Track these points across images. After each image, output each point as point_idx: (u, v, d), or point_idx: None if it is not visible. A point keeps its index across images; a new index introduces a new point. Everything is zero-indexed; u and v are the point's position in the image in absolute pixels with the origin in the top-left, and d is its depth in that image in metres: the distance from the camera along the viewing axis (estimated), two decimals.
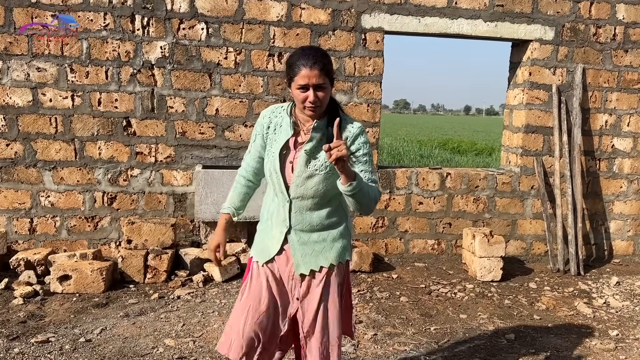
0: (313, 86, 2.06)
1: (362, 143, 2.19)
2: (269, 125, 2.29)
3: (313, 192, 2.18)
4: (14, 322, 3.75)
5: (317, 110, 2.11)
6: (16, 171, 4.99)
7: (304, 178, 2.17)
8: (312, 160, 2.17)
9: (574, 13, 5.58)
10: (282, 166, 2.22)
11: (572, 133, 5.66)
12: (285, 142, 2.21)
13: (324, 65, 2.07)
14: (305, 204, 2.21)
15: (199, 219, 4.99)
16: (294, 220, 2.24)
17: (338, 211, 2.31)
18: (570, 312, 4.41)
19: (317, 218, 2.24)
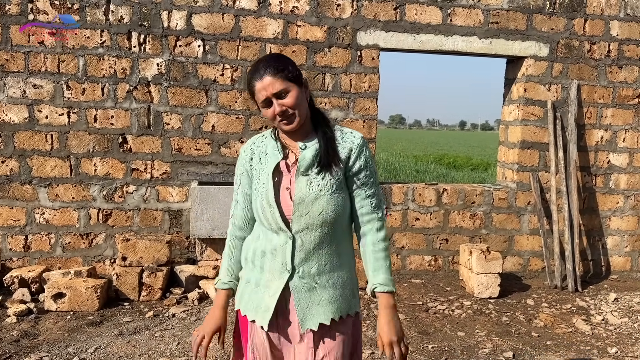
0: (273, 95, 1.75)
1: (367, 158, 1.88)
2: (251, 157, 1.92)
3: (321, 219, 1.79)
4: (6, 341, 3.70)
5: (292, 121, 1.78)
6: (11, 188, 4.96)
7: (309, 202, 1.79)
8: (313, 180, 1.82)
9: (568, 30, 5.63)
10: (277, 196, 1.84)
11: (567, 149, 5.68)
12: (275, 165, 1.85)
13: (277, 69, 1.75)
14: (312, 238, 1.81)
15: (195, 235, 4.97)
16: (298, 260, 1.81)
17: (346, 245, 1.93)
18: (569, 329, 4.38)
19: (326, 255, 1.84)
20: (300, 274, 1.82)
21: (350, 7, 5.26)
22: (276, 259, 1.83)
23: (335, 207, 1.81)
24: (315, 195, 1.79)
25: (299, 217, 1.79)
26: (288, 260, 1.81)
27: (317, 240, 1.81)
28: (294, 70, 1.80)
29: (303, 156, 1.82)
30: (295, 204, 1.79)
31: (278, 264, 1.83)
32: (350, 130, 1.91)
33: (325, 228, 1.81)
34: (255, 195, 1.89)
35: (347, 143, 1.86)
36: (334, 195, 1.82)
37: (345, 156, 1.84)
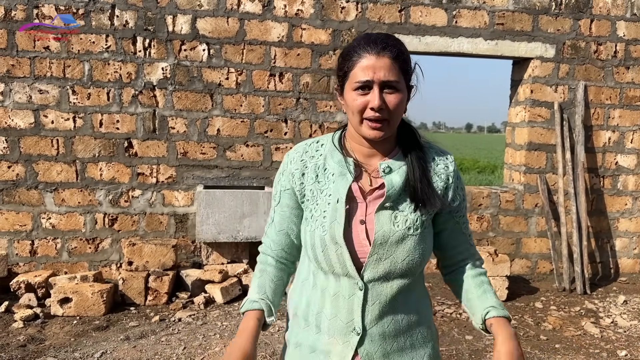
0: (380, 83, 1.30)
1: (463, 189, 1.50)
2: (303, 172, 1.45)
3: (406, 266, 1.37)
4: (13, 346, 3.70)
5: (383, 128, 1.33)
6: (17, 193, 4.97)
7: (392, 244, 1.36)
8: (399, 215, 1.38)
9: (575, 30, 5.60)
10: (347, 232, 1.38)
11: (575, 150, 5.64)
12: (346, 191, 1.39)
13: (401, 55, 1.33)
14: (390, 289, 1.38)
15: (201, 239, 4.96)
16: (371, 318, 1.38)
17: (423, 291, 1.52)
18: (578, 332, 4.34)
19: (404, 309, 1.42)
20: (372, 337, 1.38)
21: (354, 10, 5.25)
22: (339, 315, 1.39)
23: (423, 251, 1.39)
24: (402, 235, 1.37)
25: (377, 261, 1.36)
26: (357, 318, 1.37)
27: (394, 291, 1.38)
28: (410, 68, 1.38)
29: (390, 183, 1.38)
30: (376, 244, 1.36)
31: (341, 322, 1.39)
32: (441, 149, 1.49)
33: (409, 277, 1.40)
34: (311, 226, 1.43)
35: (440, 168, 1.44)
36: (424, 235, 1.40)
37: (441, 188, 1.43)
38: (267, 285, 1.51)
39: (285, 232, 1.52)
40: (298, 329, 1.49)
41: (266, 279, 1.52)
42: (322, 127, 5.32)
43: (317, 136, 1.54)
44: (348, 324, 1.38)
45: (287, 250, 1.55)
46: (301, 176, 1.45)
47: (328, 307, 1.41)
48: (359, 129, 1.36)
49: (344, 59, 1.36)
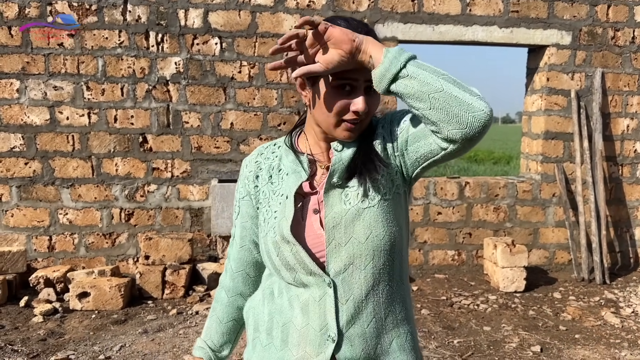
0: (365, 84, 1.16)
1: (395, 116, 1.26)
2: (257, 175, 1.33)
3: (372, 244, 1.19)
4: (34, 340, 3.75)
5: (357, 129, 1.21)
6: (35, 189, 5.02)
7: (348, 223, 1.20)
8: (350, 192, 1.22)
9: (591, 17, 5.50)
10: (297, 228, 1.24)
11: (592, 138, 5.55)
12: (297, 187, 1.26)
13: None
14: (363, 280, 1.20)
15: (216, 233, 4.97)
16: (346, 318, 1.20)
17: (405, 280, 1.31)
18: (597, 322, 4.28)
19: (386, 302, 1.24)
20: (351, 341, 1.20)
21: (367, 0, 5.21)
22: (310, 323, 1.21)
23: (389, 224, 1.20)
24: (357, 211, 1.20)
25: (337, 248, 1.20)
26: (331, 321, 1.20)
27: (370, 280, 1.20)
28: None
29: (339, 158, 1.22)
30: (328, 228, 1.20)
31: (314, 330, 1.21)
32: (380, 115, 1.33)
33: (380, 259, 1.20)
34: (264, 230, 1.28)
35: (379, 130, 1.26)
36: (387, 206, 1.21)
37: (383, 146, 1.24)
38: (214, 328, 1.42)
39: (248, 247, 1.36)
40: (259, 348, 1.30)
41: (214, 321, 1.43)
42: None
43: None
44: (322, 330, 1.20)
45: (251, 273, 1.39)
46: (255, 179, 1.33)
47: (298, 316, 1.23)
48: (331, 130, 1.21)
49: None
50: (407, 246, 1.31)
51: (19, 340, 3.73)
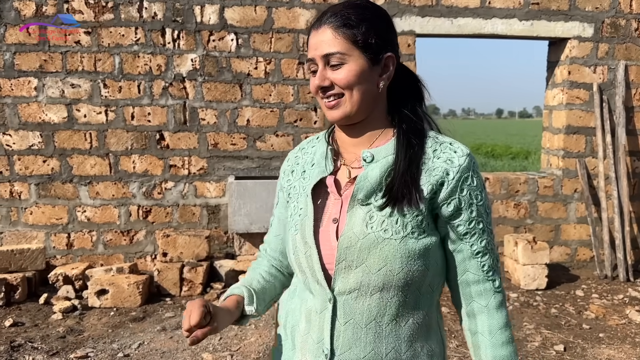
0: (322, 58, 1.12)
1: (473, 190, 1.14)
2: (293, 170, 1.30)
3: (383, 278, 1.11)
4: (53, 337, 3.76)
5: (340, 106, 1.13)
6: (53, 187, 5.04)
7: (363, 249, 1.11)
8: (375, 214, 1.12)
9: (614, 8, 5.37)
10: (317, 231, 1.18)
11: (615, 133, 5.43)
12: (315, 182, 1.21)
13: (345, 21, 1.11)
14: (366, 309, 1.14)
15: (233, 230, 4.95)
16: (342, 341, 1.15)
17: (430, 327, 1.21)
18: (622, 321, 4.19)
19: (391, 338, 1.15)
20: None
21: None
22: (310, 332, 1.19)
23: (409, 261, 1.10)
24: (376, 238, 1.10)
25: (346, 270, 1.12)
26: (326, 337, 1.15)
27: (374, 310, 1.13)
28: (370, 33, 1.12)
29: (365, 175, 1.14)
30: (341, 247, 1.12)
31: (312, 340, 1.18)
32: (450, 141, 1.17)
33: (389, 293, 1.12)
34: (289, 225, 1.25)
35: (439, 162, 1.13)
36: (410, 242, 1.11)
37: (433, 183, 1.12)
38: (255, 279, 1.34)
39: (282, 237, 1.34)
40: (281, 339, 1.31)
41: (254, 276, 1.35)
42: None
43: None
44: (319, 343, 1.16)
45: (284, 262, 1.38)
46: (290, 173, 1.29)
47: (303, 321, 1.21)
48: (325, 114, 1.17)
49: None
50: (437, 286, 1.21)
51: (39, 338, 3.75)
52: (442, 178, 1.11)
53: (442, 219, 1.14)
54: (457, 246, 1.16)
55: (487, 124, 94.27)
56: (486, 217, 1.15)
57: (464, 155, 1.13)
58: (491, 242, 1.17)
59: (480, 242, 1.15)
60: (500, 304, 1.17)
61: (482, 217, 1.14)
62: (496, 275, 1.17)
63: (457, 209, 1.12)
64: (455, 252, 1.17)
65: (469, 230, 1.14)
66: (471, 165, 1.13)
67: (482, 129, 59.04)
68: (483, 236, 1.15)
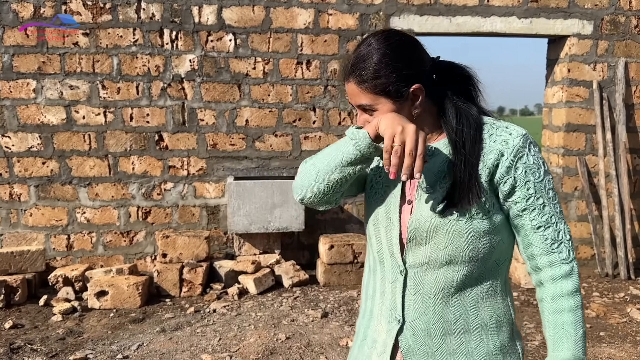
0: (358, 107, 1.28)
1: (529, 167, 1.21)
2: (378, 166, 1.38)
3: (449, 255, 1.21)
4: (52, 339, 3.76)
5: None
6: (52, 189, 5.04)
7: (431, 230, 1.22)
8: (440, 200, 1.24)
9: (613, 5, 5.35)
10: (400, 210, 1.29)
11: (616, 130, 5.41)
12: None
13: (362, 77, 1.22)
14: (434, 280, 1.24)
15: (232, 230, 4.95)
16: (413, 309, 1.25)
17: (495, 295, 1.28)
18: (623, 319, 4.17)
19: (458, 307, 1.24)
20: (414, 330, 1.25)
21: None
22: (384, 301, 1.30)
23: (474, 240, 1.21)
24: (442, 220, 1.20)
25: (416, 246, 1.24)
26: (398, 305, 1.26)
27: (441, 282, 1.23)
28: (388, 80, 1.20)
29: (428, 168, 1.25)
30: (411, 228, 1.23)
31: (386, 308, 1.29)
32: (507, 125, 1.25)
33: (455, 267, 1.22)
34: (370, 192, 1.35)
35: (495, 144, 1.21)
36: (475, 222, 1.20)
37: (489, 167, 1.21)
38: None
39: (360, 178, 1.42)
40: (361, 310, 1.42)
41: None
42: (351, 114, 5.22)
43: (345, 124, 1.48)
44: (391, 311, 1.27)
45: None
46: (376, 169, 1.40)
47: (377, 291, 1.32)
48: None
49: None
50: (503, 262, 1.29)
51: (38, 340, 3.75)
52: (497, 160, 1.20)
53: (502, 197, 1.23)
54: (518, 222, 1.23)
55: None
56: (546, 192, 1.21)
57: (519, 136, 1.21)
58: (555, 216, 1.22)
59: (540, 217, 1.21)
60: (567, 274, 1.22)
61: (541, 193, 1.21)
62: (562, 247, 1.22)
63: (512, 187, 1.20)
64: (518, 227, 1.24)
65: (528, 207, 1.21)
66: (526, 145, 1.21)
67: None
68: (543, 211, 1.21)
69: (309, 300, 4.51)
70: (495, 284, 1.27)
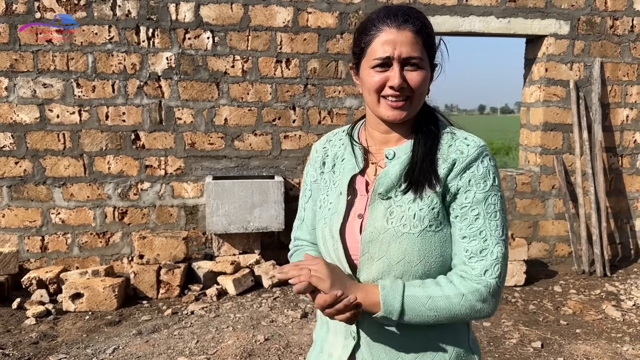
0: (401, 60, 1.16)
1: (477, 177, 1.19)
2: (324, 161, 1.37)
3: (403, 268, 1.19)
4: (25, 344, 3.68)
5: (405, 108, 1.19)
6: (26, 189, 4.93)
7: (384, 242, 1.19)
8: (395, 209, 1.20)
9: (589, 6, 5.40)
10: (343, 226, 1.27)
11: (592, 129, 5.47)
12: (348, 181, 1.28)
13: (424, 28, 1.18)
14: None
15: (211, 231, 4.89)
16: (367, 325, 1.24)
17: None
18: (599, 316, 4.23)
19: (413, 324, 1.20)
20: (370, 346, 1.24)
21: None
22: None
23: (426, 253, 1.18)
24: (395, 233, 1.18)
25: (369, 261, 1.21)
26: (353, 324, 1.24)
27: None
28: (434, 42, 1.23)
29: (386, 171, 1.23)
30: (364, 241, 1.21)
31: (342, 323, 1.26)
32: (466, 136, 1.24)
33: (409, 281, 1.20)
34: (318, 218, 1.34)
35: (452, 154, 1.20)
36: (427, 235, 1.18)
37: (443, 176, 1.20)
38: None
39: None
40: (318, 325, 1.42)
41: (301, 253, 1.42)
42: (331, 113, 5.20)
43: (325, 123, 1.46)
44: (347, 327, 1.27)
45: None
46: (322, 165, 1.37)
47: None
48: (376, 110, 1.22)
49: (360, 33, 1.22)
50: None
51: (11, 344, 3.66)
52: (450, 169, 1.19)
53: (447, 204, 1.21)
54: (452, 230, 1.21)
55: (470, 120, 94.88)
56: (486, 207, 1.18)
57: (476, 147, 1.20)
58: (487, 232, 1.17)
59: (469, 228, 1.18)
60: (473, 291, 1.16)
61: (478, 205, 1.18)
62: (478, 264, 1.17)
63: (454, 194, 1.19)
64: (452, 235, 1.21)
65: (460, 214, 1.19)
66: (480, 156, 1.19)
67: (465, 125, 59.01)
68: (475, 223, 1.17)
69: (289, 300, 4.48)
70: None
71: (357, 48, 1.23)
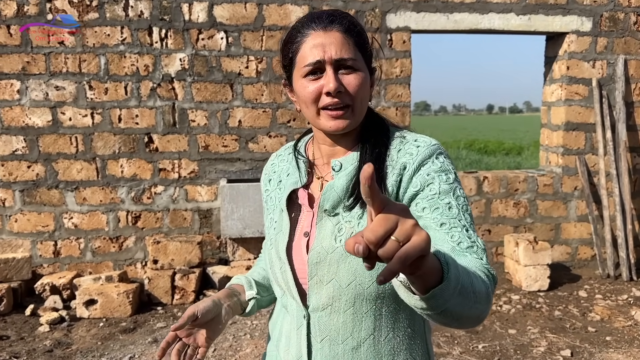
0: (333, 63, 1.05)
1: (435, 173, 1.06)
2: (270, 178, 1.28)
3: (353, 292, 1.06)
4: (40, 352, 3.60)
5: (347, 117, 1.07)
6: (38, 193, 4.86)
7: (333, 263, 1.06)
8: (344, 225, 1.08)
9: (612, 1, 5.25)
10: (290, 246, 1.15)
11: (616, 129, 5.32)
12: (287, 197, 1.18)
13: (351, 27, 1.08)
14: (340, 323, 1.09)
15: (226, 235, 4.79)
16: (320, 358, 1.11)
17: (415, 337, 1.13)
18: (628, 323, 4.08)
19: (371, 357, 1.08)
20: None
21: None
22: (289, 349, 1.15)
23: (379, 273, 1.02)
24: (344, 252, 1.04)
25: (318, 284, 1.08)
26: (304, 355, 1.11)
27: (349, 326, 1.08)
28: (368, 41, 1.11)
29: (331, 185, 1.10)
30: (312, 263, 1.08)
31: (292, 357, 1.14)
32: (417, 137, 1.12)
33: (363, 308, 1.06)
34: (266, 240, 1.25)
35: (401, 159, 1.09)
36: None
37: (393, 183, 1.07)
38: (255, 271, 1.34)
39: None
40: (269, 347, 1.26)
41: (255, 269, 1.35)
42: None
43: None
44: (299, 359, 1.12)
45: None
46: (268, 182, 1.27)
47: (283, 339, 1.18)
48: (317, 123, 1.09)
49: (286, 43, 1.12)
50: None
51: (25, 352, 3.58)
52: (400, 174, 1.07)
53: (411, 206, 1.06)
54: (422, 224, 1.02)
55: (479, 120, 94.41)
56: (455, 198, 1.04)
57: (426, 146, 1.08)
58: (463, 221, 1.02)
59: (445, 216, 1.02)
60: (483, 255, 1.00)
61: (447, 195, 1.03)
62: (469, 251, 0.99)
63: (414, 194, 1.05)
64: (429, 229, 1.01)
65: (430, 205, 1.03)
66: (433, 154, 1.07)
67: (474, 125, 59.11)
68: (449, 212, 1.02)
69: None
70: (413, 324, 1.11)
71: (286, 60, 1.12)
